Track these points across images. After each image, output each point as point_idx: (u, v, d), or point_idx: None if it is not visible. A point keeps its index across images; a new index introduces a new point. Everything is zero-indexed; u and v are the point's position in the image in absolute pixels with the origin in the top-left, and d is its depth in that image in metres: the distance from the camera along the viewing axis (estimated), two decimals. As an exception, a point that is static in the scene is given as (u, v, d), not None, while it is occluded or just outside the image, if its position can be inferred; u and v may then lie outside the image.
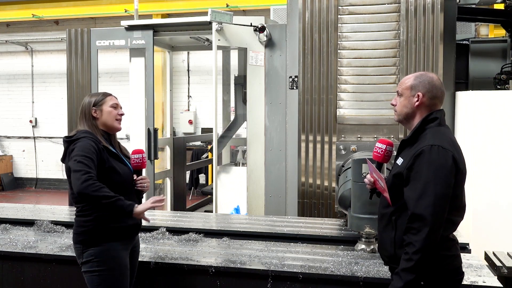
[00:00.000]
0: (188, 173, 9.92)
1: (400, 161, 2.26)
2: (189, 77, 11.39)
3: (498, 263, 3.13)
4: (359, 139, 4.48)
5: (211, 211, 5.53)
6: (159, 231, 3.65)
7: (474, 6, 5.82)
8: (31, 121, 12.18)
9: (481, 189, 4.28)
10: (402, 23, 4.38)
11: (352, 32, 4.49)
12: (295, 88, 4.99)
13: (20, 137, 12.40)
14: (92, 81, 5.82)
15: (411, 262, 2.05)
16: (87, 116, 2.74)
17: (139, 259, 2.95)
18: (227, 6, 9.68)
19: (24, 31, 12.17)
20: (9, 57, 12.37)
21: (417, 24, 4.37)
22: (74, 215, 2.71)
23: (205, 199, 7.83)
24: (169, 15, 10.59)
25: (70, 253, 3.13)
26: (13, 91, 12.35)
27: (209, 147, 9.89)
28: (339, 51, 4.51)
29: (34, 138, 12.26)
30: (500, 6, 6.06)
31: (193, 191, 10.47)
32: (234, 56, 7.25)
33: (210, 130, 8.17)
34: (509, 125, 4.27)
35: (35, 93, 12.21)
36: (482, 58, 5.53)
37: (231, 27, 5.09)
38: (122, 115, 2.82)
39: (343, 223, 3.80)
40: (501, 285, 2.68)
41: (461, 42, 5.56)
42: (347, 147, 4.39)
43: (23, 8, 11.16)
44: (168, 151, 6.72)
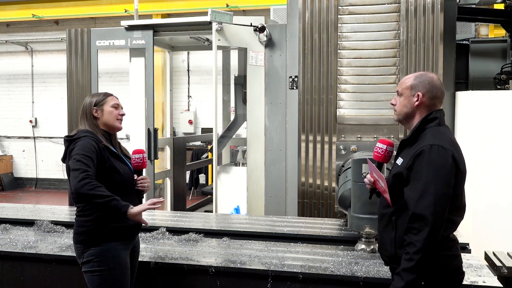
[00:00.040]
0: (188, 173, 9.92)
1: (400, 161, 2.26)
2: (189, 77, 11.39)
3: (498, 263, 3.12)
4: (359, 139, 4.48)
5: (211, 211, 5.53)
6: (159, 231, 3.65)
7: (474, 6, 5.82)
8: (31, 121, 12.18)
9: (481, 189, 4.28)
10: (402, 23, 4.38)
11: (352, 32, 4.49)
12: (295, 88, 4.99)
13: (20, 137, 12.40)
14: (92, 81, 5.82)
15: (412, 262, 2.05)
16: (88, 116, 2.74)
17: (139, 259, 2.95)
18: (227, 6, 9.68)
19: (24, 31, 12.17)
20: (9, 57, 12.37)
21: (417, 24, 4.37)
22: (75, 215, 2.70)
23: (205, 199, 7.83)
24: (169, 15, 10.59)
25: (70, 253, 3.13)
26: (13, 91, 12.35)
27: (209, 147, 9.88)
28: (339, 51, 4.51)
29: (34, 138, 12.26)
30: (500, 6, 6.06)
31: (193, 191, 10.46)
32: (234, 56, 7.25)
33: (210, 130, 8.17)
34: (509, 125, 4.27)
35: (35, 93, 12.21)
36: (482, 58, 5.52)
37: (231, 27, 5.09)
38: (123, 115, 2.83)
39: (343, 223, 3.80)
40: (501, 285, 2.68)
41: (461, 42, 5.56)
42: (347, 147, 4.39)
43: (23, 8, 11.16)
44: (168, 151, 6.72)
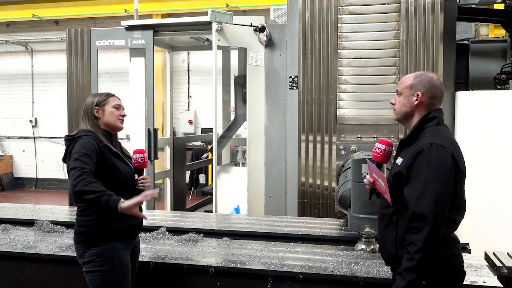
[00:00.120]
0: (188, 173, 9.92)
1: (399, 160, 2.26)
2: (189, 77, 11.39)
3: (498, 263, 3.12)
4: (359, 139, 4.48)
5: (211, 211, 5.53)
6: (159, 231, 3.65)
7: (474, 6, 5.82)
8: (31, 121, 12.18)
9: (481, 189, 4.28)
10: (402, 23, 4.38)
11: (352, 32, 4.49)
12: (295, 88, 4.99)
13: (20, 137, 12.40)
14: (92, 81, 5.82)
15: (413, 262, 2.05)
16: (89, 116, 2.75)
17: (139, 259, 2.95)
18: (227, 6, 9.68)
19: (24, 31, 12.17)
20: (9, 57, 12.37)
21: (417, 24, 4.37)
22: (75, 215, 2.70)
23: (205, 199, 7.83)
24: (169, 15, 10.59)
25: (70, 253, 3.13)
26: (13, 91, 12.35)
27: (209, 147, 9.88)
28: (339, 51, 4.51)
29: (34, 138, 12.26)
30: (500, 6, 6.06)
31: (193, 191, 10.46)
32: (234, 56, 7.25)
33: (210, 130, 8.16)
34: (509, 125, 4.27)
35: (35, 93, 12.21)
36: (482, 58, 5.52)
37: (231, 27, 5.09)
38: (124, 116, 2.83)
39: (343, 223, 3.80)
40: (501, 285, 2.68)
41: (461, 42, 5.56)
42: (347, 147, 4.39)
43: (23, 8, 11.16)
44: (168, 151, 6.72)
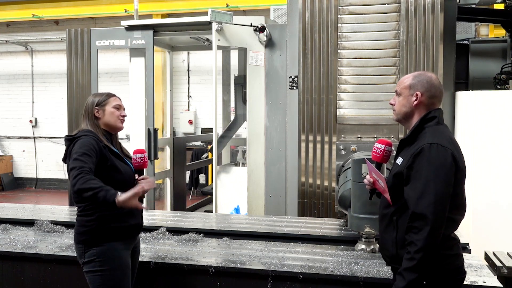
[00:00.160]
0: (188, 173, 9.92)
1: (399, 160, 2.26)
2: (189, 77, 11.39)
3: (498, 263, 3.12)
4: (359, 139, 4.48)
5: (211, 211, 5.53)
6: (159, 231, 3.65)
7: (474, 6, 5.82)
8: (31, 121, 12.18)
9: (481, 189, 4.28)
10: (402, 23, 4.38)
11: (352, 32, 4.49)
12: (295, 88, 4.99)
13: (20, 137, 12.40)
14: (92, 81, 5.82)
15: (413, 261, 2.05)
16: (89, 116, 2.74)
17: (139, 259, 2.95)
18: (227, 6, 9.68)
19: (24, 31, 12.17)
20: (9, 57, 12.37)
21: (417, 24, 4.37)
22: (76, 215, 2.70)
23: (205, 199, 7.83)
24: (169, 15, 10.59)
25: (70, 253, 3.13)
26: (13, 91, 12.35)
27: (209, 147, 9.88)
28: (339, 51, 4.51)
29: (34, 138, 12.26)
30: (500, 6, 6.05)
31: (193, 191, 10.46)
32: (234, 56, 7.25)
33: (210, 130, 8.17)
34: (509, 125, 4.27)
35: (35, 93, 12.21)
36: (482, 58, 5.52)
37: (231, 27, 5.09)
38: (125, 117, 2.82)
39: (343, 223, 3.80)
40: (501, 285, 2.68)
41: (461, 42, 5.56)
42: (347, 147, 4.39)
43: (23, 8, 11.16)
44: (168, 151, 6.71)
